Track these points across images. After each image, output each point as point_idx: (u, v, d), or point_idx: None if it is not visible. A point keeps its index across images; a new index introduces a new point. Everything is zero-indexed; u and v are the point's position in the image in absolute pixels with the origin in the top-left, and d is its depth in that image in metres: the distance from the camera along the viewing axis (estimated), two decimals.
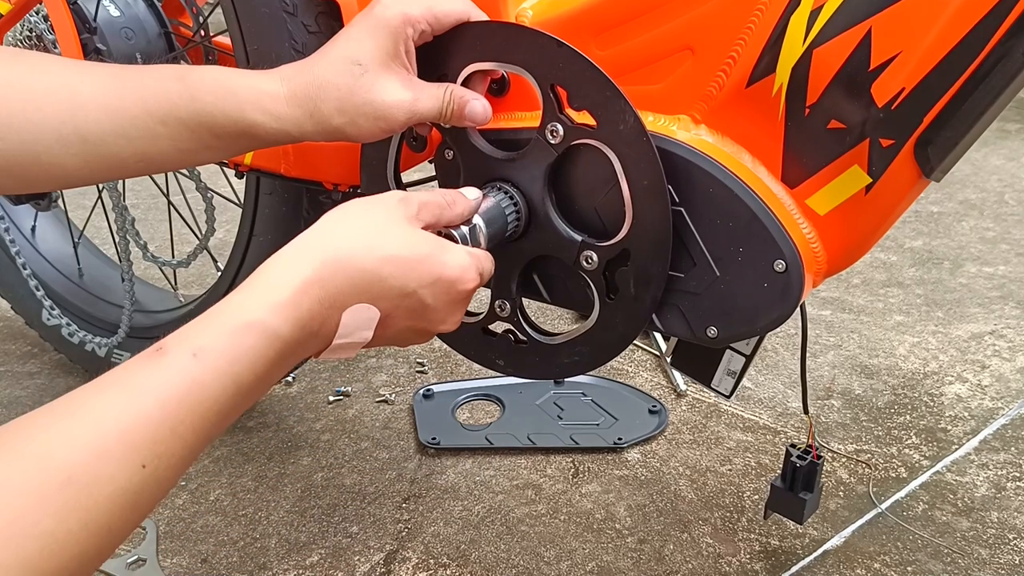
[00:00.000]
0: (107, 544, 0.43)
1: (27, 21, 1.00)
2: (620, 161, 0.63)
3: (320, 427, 1.19)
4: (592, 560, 0.96)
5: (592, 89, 0.62)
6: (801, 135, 0.63)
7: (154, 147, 0.62)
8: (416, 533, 1.00)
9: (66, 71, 0.61)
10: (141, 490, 0.44)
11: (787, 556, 0.96)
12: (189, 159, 0.65)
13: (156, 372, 0.46)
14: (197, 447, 0.47)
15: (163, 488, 0.46)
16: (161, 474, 0.45)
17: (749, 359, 0.76)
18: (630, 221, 0.64)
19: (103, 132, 0.60)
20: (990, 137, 2.37)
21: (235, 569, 0.95)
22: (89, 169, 0.62)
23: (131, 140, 0.61)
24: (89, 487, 0.42)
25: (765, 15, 0.61)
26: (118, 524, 0.43)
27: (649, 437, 1.16)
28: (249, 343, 0.49)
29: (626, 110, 0.61)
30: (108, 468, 0.43)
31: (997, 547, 0.97)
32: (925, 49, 0.56)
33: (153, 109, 0.61)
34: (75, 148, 0.60)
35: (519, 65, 0.64)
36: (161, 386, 0.46)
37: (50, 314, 1.23)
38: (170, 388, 0.46)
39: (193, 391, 0.46)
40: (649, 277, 0.65)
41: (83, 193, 1.87)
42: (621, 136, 0.62)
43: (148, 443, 0.44)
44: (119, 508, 0.43)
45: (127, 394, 0.45)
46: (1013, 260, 1.69)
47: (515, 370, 0.74)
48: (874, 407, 1.23)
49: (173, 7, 1.05)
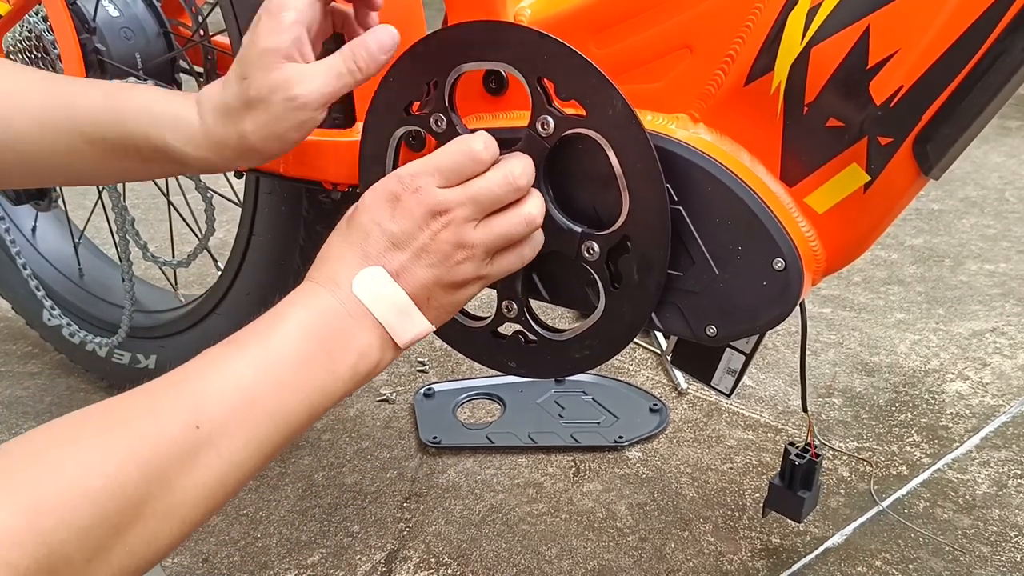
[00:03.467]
0: (159, 495, 0.45)
1: (26, 22, 1.00)
2: (612, 146, 0.63)
3: (321, 426, 1.19)
4: (593, 559, 0.96)
5: (578, 78, 0.62)
6: (799, 133, 0.63)
7: (83, 163, 0.63)
8: (417, 532, 1.00)
9: (5, 78, 0.62)
10: (196, 446, 0.47)
11: (788, 554, 0.96)
12: (121, 175, 0.66)
13: (194, 363, 0.51)
14: (251, 419, 0.50)
15: (220, 454, 0.48)
16: (215, 436, 0.48)
17: (749, 357, 0.76)
18: (627, 206, 0.64)
19: (33, 146, 0.62)
20: (990, 134, 2.36)
21: (236, 568, 0.95)
22: (22, 174, 0.63)
23: (60, 156, 0.62)
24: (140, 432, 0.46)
25: (763, 13, 0.61)
26: (174, 473, 0.46)
27: (650, 435, 1.16)
28: (275, 326, 0.54)
29: (613, 95, 0.61)
30: (157, 419, 0.47)
31: (998, 544, 0.97)
32: (923, 47, 0.56)
33: (81, 127, 0.62)
34: (11, 156, 0.62)
35: (504, 61, 0.64)
36: (198, 369, 0.51)
37: (51, 314, 1.23)
38: (210, 368, 0.51)
39: (233, 366, 0.51)
40: (651, 262, 0.65)
41: (83, 193, 1.87)
42: (611, 121, 0.62)
43: (193, 404, 0.48)
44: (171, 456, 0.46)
45: (167, 381, 0.50)
46: (1014, 257, 1.69)
47: (527, 371, 0.74)
48: (875, 405, 1.23)
49: (172, 7, 1.05)
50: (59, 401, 1.26)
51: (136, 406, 0.47)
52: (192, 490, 0.46)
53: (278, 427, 0.51)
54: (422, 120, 0.69)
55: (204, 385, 0.49)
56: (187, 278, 1.59)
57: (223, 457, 0.48)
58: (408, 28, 0.82)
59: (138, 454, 0.44)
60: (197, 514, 0.47)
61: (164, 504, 0.45)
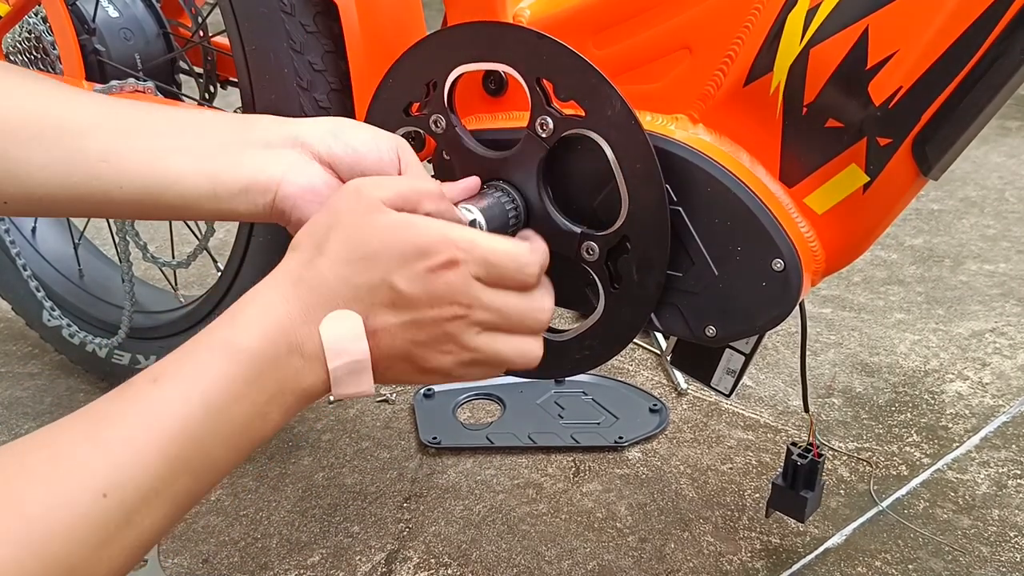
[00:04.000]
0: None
1: (26, 23, 1.00)
2: (611, 146, 0.63)
3: (321, 427, 1.19)
4: (593, 559, 0.96)
5: (576, 78, 0.62)
6: (799, 134, 0.63)
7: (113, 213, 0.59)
8: (417, 532, 1.00)
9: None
10: (105, 521, 0.41)
11: (788, 554, 0.96)
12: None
13: (117, 401, 0.45)
14: (175, 477, 0.44)
15: (138, 523, 0.43)
16: (130, 505, 0.42)
17: (749, 358, 0.76)
18: (627, 206, 0.64)
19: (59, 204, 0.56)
20: (990, 134, 2.36)
21: (236, 569, 0.95)
22: (32, 208, 0.57)
23: (84, 209, 0.57)
24: (43, 517, 0.40)
25: (762, 14, 0.61)
26: (82, 559, 0.40)
27: (650, 436, 1.16)
28: (210, 360, 0.46)
29: (612, 95, 0.61)
30: (64, 497, 0.40)
31: (998, 545, 0.97)
32: (922, 47, 0.56)
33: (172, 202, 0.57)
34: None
35: (503, 62, 0.65)
36: (122, 412, 0.44)
37: (51, 315, 1.23)
38: (130, 412, 0.44)
39: (155, 414, 0.44)
40: (651, 261, 0.65)
41: None
42: (610, 121, 0.62)
43: (108, 469, 0.42)
44: (80, 541, 0.40)
45: (87, 423, 0.44)
46: (1014, 258, 1.69)
47: (529, 372, 0.74)
48: (875, 405, 1.23)
49: (172, 7, 1.05)
50: (59, 402, 1.26)
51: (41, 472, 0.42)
52: (108, 562, 0.42)
53: (199, 483, 0.46)
54: (421, 121, 0.69)
55: (121, 447, 0.43)
56: (187, 279, 1.59)
57: (141, 527, 0.43)
58: (408, 28, 0.83)
59: (49, 550, 0.39)
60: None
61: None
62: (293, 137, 0.59)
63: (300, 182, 0.58)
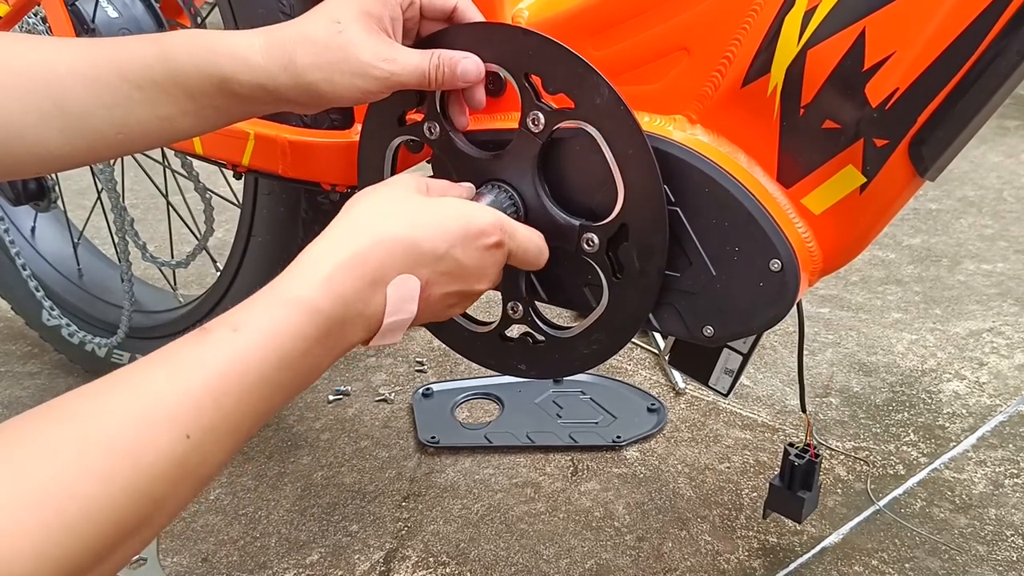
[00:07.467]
0: (154, 514, 0.44)
1: (25, 23, 1.00)
2: (602, 135, 0.63)
3: (320, 426, 1.19)
4: (591, 558, 0.96)
5: (563, 70, 0.63)
6: (796, 135, 0.63)
7: (132, 116, 0.61)
8: (416, 531, 1.00)
9: (42, 47, 0.61)
10: (185, 460, 0.44)
11: (785, 553, 0.97)
12: (168, 129, 0.64)
13: (198, 347, 0.48)
14: (244, 422, 0.48)
15: (210, 462, 0.46)
16: (207, 447, 0.46)
17: (746, 357, 0.76)
18: (623, 194, 0.64)
19: (81, 103, 0.60)
20: (988, 134, 2.37)
21: (235, 568, 0.96)
22: (72, 146, 0.61)
23: (109, 109, 0.60)
24: (132, 454, 0.42)
25: (760, 15, 0.61)
26: (163, 494, 0.44)
27: (648, 435, 1.16)
28: (289, 317, 0.50)
29: (599, 83, 0.62)
30: (150, 436, 0.43)
31: (995, 544, 0.97)
32: (919, 49, 0.57)
33: (128, 74, 0.60)
34: (56, 123, 0.60)
35: (491, 61, 0.65)
36: (203, 359, 0.47)
37: (50, 315, 1.23)
38: (212, 360, 0.47)
39: (236, 363, 0.47)
40: (651, 248, 0.65)
41: (83, 194, 1.87)
42: (599, 110, 0.63)
43: (192, 413, 0.45)
44: (163, 477, 0.43)
45: (169, 368, 0.47)
46: (1011, 257, 1.69)
47: (538, 371, 0.74)
48: (872, 404, 1.24)
49: (171, 7, 1.05)
50: None
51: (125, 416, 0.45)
52: (184, 495, 0.46)
53: (259, 426, 0.51)
54: (416, 129, 0.70)
55: (203, 392, 0.47)
56: (186, 278, 1.59)
57: (213, 465, 0.47)
58: None
59: (135, 485, 0.42)
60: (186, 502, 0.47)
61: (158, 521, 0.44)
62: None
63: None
